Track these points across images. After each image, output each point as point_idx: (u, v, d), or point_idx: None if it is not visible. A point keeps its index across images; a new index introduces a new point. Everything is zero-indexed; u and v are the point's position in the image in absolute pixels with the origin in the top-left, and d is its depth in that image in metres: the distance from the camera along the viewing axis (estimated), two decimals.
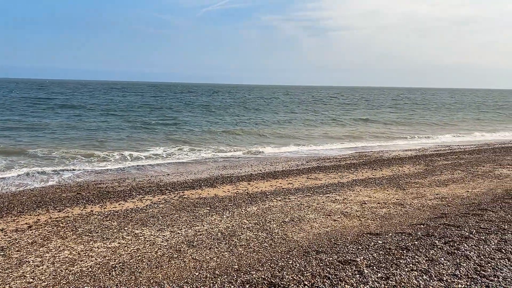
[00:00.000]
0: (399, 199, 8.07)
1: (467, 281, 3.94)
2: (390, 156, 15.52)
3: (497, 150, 16.20)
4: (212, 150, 17.09)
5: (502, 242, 4.98)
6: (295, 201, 7.99)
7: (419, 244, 5.01)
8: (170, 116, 32.59)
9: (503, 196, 7.85)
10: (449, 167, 11.97)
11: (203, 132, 23.39)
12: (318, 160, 14.88)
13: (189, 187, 9.60)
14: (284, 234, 5.92)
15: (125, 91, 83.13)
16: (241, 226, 6.31)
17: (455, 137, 24.51)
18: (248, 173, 11.88)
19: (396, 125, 31.18)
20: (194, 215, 7.06)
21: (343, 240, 5.48)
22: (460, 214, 6.55)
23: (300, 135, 23.24)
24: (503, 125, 32.88)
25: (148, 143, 18.58)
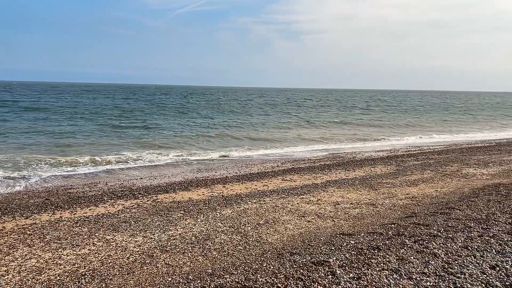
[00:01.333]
0: (371, 199, 8.22)
1: (435, 279, 4.05)
2: (363, 157, 15.82)
3: (464, 150, 16.79)
4: (186, 153, 16.91)
5: (468, 239, 5.15)
6: (270, 203, 8.01)
7: (390, 243, 5.12)
8: (141, 119, 31.92)
9: (469, 195, 8.12)
10: (419, 167, 12.30)
11: (176, 135, 23.09)
12: (293, 161, 14.99)
13: (163, 191, 9.47)
14: (259, 236, 5.92)
15: (95, 93, 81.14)
16: (216, 230, 6.27)
17: (425, 138, 25.24)
18: (223, 175, 11.83)
19: (368, 126, 31.82)
20: (168, 219, 6.96)
21: (317, 241, 5.53)
22: (429, 213, 6.74)
23: (275, 138, 23.34)
24: (469, 126, 34.13)
25: (119, 147, 18.15)
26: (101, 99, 60.83)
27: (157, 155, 16.22)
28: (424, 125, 33.49)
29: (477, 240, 5.11)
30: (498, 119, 41.27)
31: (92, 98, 61.25)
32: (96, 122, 28.06)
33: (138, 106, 46.13)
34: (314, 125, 31.37)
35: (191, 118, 34.16)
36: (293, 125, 30.91)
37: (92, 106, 43.34)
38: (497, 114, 49.59)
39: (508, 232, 5.39)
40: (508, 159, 13.36)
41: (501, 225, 5.71)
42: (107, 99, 61.36)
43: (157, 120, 31.03)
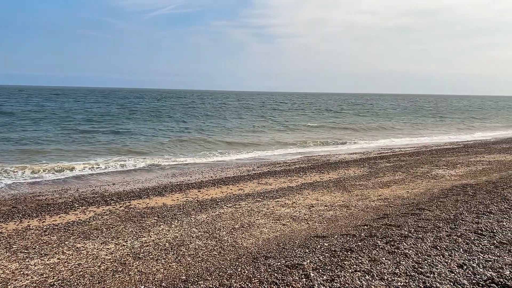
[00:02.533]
0: (345, 201, 8.35)
1: (406, 279, 4.15)
2: (337, 159, 16.05)
3: (434, 152, 17.30)
4: (159, 158, 16.67)
5: (437, 239, 5.30)
6: (246, 207, 7.99)
7: (363, 245, 5.20)
8: (113, 123, 31.07)
9: (439, 195, 8.37)
10: (391, 169, 12.58)
11: (149, 140, 22.68)
12: (268, 165, 15.04)
13: (136, 197, 9.30)
14: (234, 241, 5.89)
15: (64, 97, 78.81)
16: (190, 235, 6.20)
17: (397, 140, 25.88)
18: (198, 180, 11.74)
19: (342, 129, 32.35)
20: (141, 225, 6.83)
21: (291, 244, 5.56)
22: (401, 214, 6.90)
23: (250, 141, 23.37)
24: (438, 128, 35.23)
25: (89, 152, 17.62)
26: (70, 103, 59.10)
27: (129, 160, 15.91)
28: (396, 128, 34.34)
29: (446, 240, 5.27)
30: (466, 122, 42.83)
31: (60, 102, 59.42)
32: (64, 127, 27.15)
33: (110, 110, 45.01)
34: (289, 128, 31.63)
35: (164, 122, 33.63)
36: (268, 129, 31.05)
37: (61, 111, 42.03)
38: (464, 116, 51.46)
39: (475, 231, 5.58)
40: (475, 160, 13.87)
41: (468, 225, 5.91)
42: (77, 103, 59.66)
43: (129, 125, 30.38)
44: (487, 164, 12.83)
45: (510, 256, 4.69)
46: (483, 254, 4.75)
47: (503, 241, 5.20)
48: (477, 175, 10.84)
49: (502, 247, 5.00)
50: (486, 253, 4.78)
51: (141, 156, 17.03)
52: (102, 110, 44.74)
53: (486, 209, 6.81)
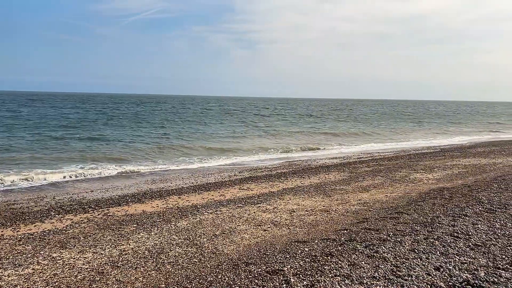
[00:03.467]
0: (326, 205, 8.41)
1: (385, 282, 4.20)
2: (318, 164, 16.18)
3: (412, 156, 17.66)
4: (139, 165, 16.43)
5: (415, 243, 5.40)
6: (227, 213, 7.96)
7: (342, 249, 5.25)
8: (90, 129, 30.24)
9: (416, 199, 8.53)
10: (370, 173, 12.77)
11: (128, 146, 22.24)
12: (250, 170, 15.04)
13: (115, 204, 9.13)
14: (215, 247, 5.85)
15: (40, 103, 76.88)
16: (170, 243, 6.13)
17: (376, 145, 26.30)
18: (179, 186, 11.63)
19: (323, 134, 32.68)
20: (120, 233, 6.71)
21: (272, 249, 5.56)
22: (380, 218, 6.99)
23: (231, 147, 23.33)
24: (416, 133, 35.99)
25: (66, 160, 16.99)
26: (46, 108, 57.59)
27: (108, 167, 15.60)
28: (375, 133, 34.90)
29: (423, 243, 5.37)
30: (442, 126, 43.92)
31: (36, 108, 57.86)
32: (40, 134, 26.29)
33: (87, 116, 43.95)
34: (270, 134, 31.73)
35: (143, 128, 33.04)
36: (249, 134, 31.08)
37: (36, 116, 40.90)
38: (441, 121, 52.77)
39: (451, 234, 5.71)
40: (451, 164, 14.22)
41: (445, 228, 6.05)
42: (53, 108, 58.20)
43: (107, 131, 29.72)
44: (462, 168, 13.17)
45: (484, 258, 4.81)
46: (459, 256, 4.86)
47: (478, 243, 5.33)
48: (453, 179, 11.10)
49: (477, 249, 5.12)
50: (462, 255, 4.89)
51: (119, 163, 16.73)
52: (79, 116, 43.64)
53: (462, 212, 6.98)
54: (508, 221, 6.31)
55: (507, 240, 5.44)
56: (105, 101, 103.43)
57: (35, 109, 53.80)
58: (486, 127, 43.63)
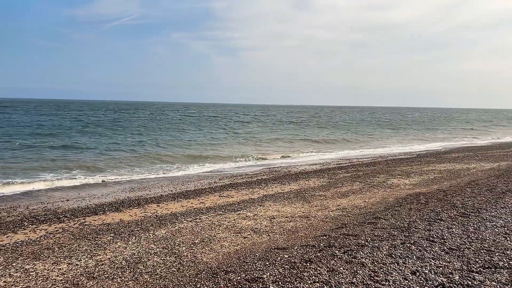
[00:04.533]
0: (305, 212, 8.45)
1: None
2: (298, 170, 16.28)
3: (390, 162, 17.98)
4: (116, 173, 16.12)
5: (392, 247, 5.48)
6: (207, 221, 7.89)
7: (321, 255, 5.28)
8: (65, 137, 29.35)
9: (394, 204, 8.68)
10: (349, 179, 12.92)
11: (104, 153, 21.72)
12: (230, 177, 14.99)
13: (92, 213, 8.94)
14: (194, 256, 5.79)
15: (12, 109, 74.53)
16: (148, 252, 6.02)
17: (355, 151, 26.67)
18: (157, 194, 11.48)
19: (302, 141, 32.93)
20: (96, 243, 6.56)
21: (252, 257, 5.54)
22: (358, 223, 7.07)
23: (211, 154, 23.21)
24: (394, 139, 36.70)
25: (40, 168, 16.44)
26: (19, 115, 55.88)
27: (84, 175, 15.26)
28: (354, 139, 35.40)
29: (400, 248, 5.46)
30: (419, 132, 44.95)
31: (8, 115, 55.88)
32: (10, 142, 25.26)
33: (63, 124, 42.77)
34: (250, 140, 31.77)
35: (121, 135, 32.36)
36: (229, 141, 31.03)
37: (8, 124, 39.54)
38: (417, 127, 54.00)
39: (427, 239, 5.82)
40: (427, 170, 14.54)
41: (421, 232, 6.16)
42: (27, 116, 56.53)
43: (83, 138, 28.95)
44: (438, 173, 13.49)
45: (459, 261, 4.92)
46: (435, 260, 4.96)
47: (452, 247, 5.45)
48: (429, 184, 11.35)
49: (452, 252, 5.24)
50: (437, 259, 4.99)
51: (96, 171, 16.39)
52: (54, 123, 42.43)
53: (437, 216, 7.14)
54: (481, 225, 6.49)
55: (480, 243, 5.58)
56: (82, 108, 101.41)
57: (7, 116, 52.12)
58: (460, 133, 44.91)
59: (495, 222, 6.66)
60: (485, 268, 4.69)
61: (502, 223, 6.57)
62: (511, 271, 4.56)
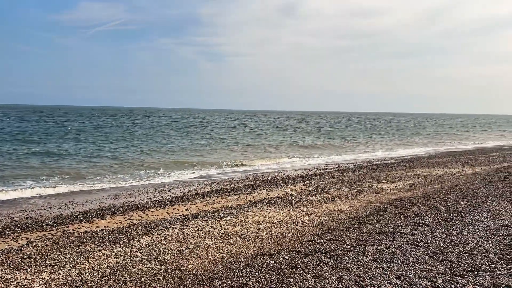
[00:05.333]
0: (292, 217, 8.46)
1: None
2: (285, 176, 16.32)
3: (375, 167, 18.16)
4: (100, 180, 15.87)
5: (378, 252, 5.52)
6: (193, 228, 7.84)
7: (307, 261, 5.29)
8: (48, 143, 28.69)
9: (379, 209, 8.75)
10: (335, 184, 13.00)
11: (88, 160, 21.36)
12: (217, 183, 14.94)
13: (75, 220, 8.79)
14: (179, 263, 5.73)
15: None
16: (133, 260, 5.94)
17: (341, 156, 26.87)
18: (143, 201, 11.36)
19: (289, 146, 33.03)
20: (80, 251, 6.45)
21: (238, 263, 5.52)
22: (344, 228, 7.11)
23: (197, 160, 23.08)
24: (377, 145, 37.11)
25: (22, 176, 16.10)
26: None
27: (68, 182, 15.00)
28: (340, 144, 35.69)
29: (385, 252, 5.50)
30: (404, 137, 45.57)
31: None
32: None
33: (46, 130, 41.76)
34: (237, 146, 31.74)
35: (105, 141, 31.75)
36: (216, 147, 30.95)
37: None
38: (402, 132, 54.75)
39: (411, 243, 5.89)
40: (412, 174, 14.73)
41: (405, 237, 6.23)
42: (8, 121, 55.11)
43: (67, 145, 28.38)
44: (422, 178, 13.67)
45: (442, 265, 4.99)
46: (419, 265, 5.01)
47: (436, 251, 5.53)
48: (413, 189, 11.50)
49: (435, 256, 5.31)
50: (421, 263, 5.05)
51: (79, 178, 16.12)
52: (36, 130, 41.52)
53: (421, 220, 7.22)
54: (464, 229, 6.59)
55: (463, 247, 5.67)
56: (66, 113, 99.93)
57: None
58: (444, 138, 45.70)
59: (477, 225, 6.78)
60: (467, 271, 4.76)
61: (484, 227, 6.68)
62: (492, 274, 4.64)
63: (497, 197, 9.19)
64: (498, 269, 4.78)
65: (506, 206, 8.20)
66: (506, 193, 9.66)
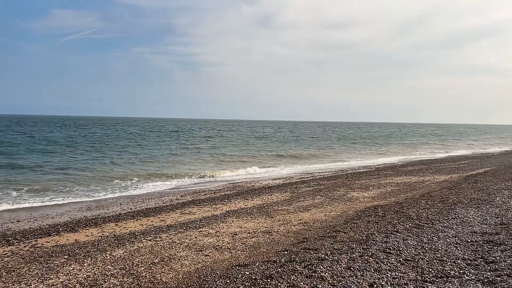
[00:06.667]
0: (268, 227, 8.46)
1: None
2: (261, 185, 16.33)
3: (350, 176, 18.43)
4: (70, 192, 15.32)
5: (351, 260, 5.59)
6: (167, 239, 7.71)
7: (282, 271, 5.29)
8: (13, 155, 27.39)
9: (353, 217, 8.87)
10: (311, 193, 13.11)
11: (58, 172, 20.61)
12: (193, 193, 14.79)
13: (44, 234, 8.50)
14: (153, 276, 5.62)
15: None
16: (104, 274, 5.78)
17: (316, 165, 27.15)
18: (116, 212, 11.11)
19: (266, 156, 33.11)
20: (48, 266, 6.23)
21: (213, 275, 5.46)
22: (319, 237, 7.17)
23: (172, 171, 22.77)
24: (351, 153, 37.74)
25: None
26: None
27: (36, 194, 14.47)
28: (316, 153, 36.06)
29: (359, 260, 5.57)
30: (378, 146, 46.52)
31: None
32: None
33: (12, 140, 39.68)
34: (213, 156, 31.58)
35: (76, 152, 30.43)
36: (191, 157, 30.69)
37: None
38: (376, 141, 55.90)
39: (384, 250, 5.99)
40: (385, 182, 15.03)
41: (378, 244, 6.33)
42: None
43: (34, 155, 27.32)
44: (395, 186, 13.97)
45: (413, 272, 5.09)
46: (391, 272, 5.10)
47: (408, 258, 5.64)
48: (386, 197, 11.73)
49: (407, 263, 5.42)
50: (394, 271, 5.14)
51: (49, 190, 15.56)
52: (2, 140, 39.75)
53: (394, 228, 7.37)
54: (434, 236, 6.76)
55: (433, 253, 5.81)
56: (36, 123, 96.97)
57: None
58: (416, 147, 46.94)
59: (447, 232, 6.97)
60: (437, 277, 4.88)
61: (454, 233, 6.88)
62: (461, 280, 4.77)
63: (465, 204, 9.50)
64: (466, 275, 4.92)
65: (474, 213, 8.47)
66: (474, 200, 9.99)
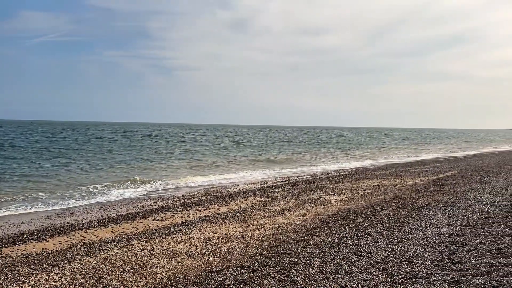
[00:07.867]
0: (242, 232, 8.45)
1: None
2: (236, 190, 16.29)
3: (323, 180, 18.66)
4: (37, 200, 14.70)
5: (323, 264, 5.65)
6: (139, 246, 7.57)
7: (255, 276, 5.29)
8: None
9: (326, 220, 8.99)
10: (285, 197, 13.19)
11: (22, 178, 19.66)
12: (166, 199, 14.58)
13: (9, 243, 8.18)
14: (123, 285, 5.50)
15: None
16: (73, 283, 5.62)
17: (290, 170, 27.35)
18: (86, 220, 10.82)
19: (240, 160, 33.09)
20: (13, 277, 5.99)
21: (185, 282, 5.40)
22: (292, 241, 7.22)
23: (144, 176, 22.36)
24: (325, 157, 38.26)
25: None
26: None
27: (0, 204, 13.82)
28: (291, 157, 36.32)
29: (331, 264, 5.64)
30: (350, 150, 47.35)
31: None
32: None
33: None
34: (187, 161, 31.28)
35: (41, 158, 28.90)
36: (165, 161, 30.29)
37: None
38: (349, 146, 56.90)
39: (355, 253, 6.09)
40: (357, 186, 15.31)
41: (350, 247, 6.44)
42: None
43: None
44: (367, 189, 14.26)
45: (383, 273, 5.21)
46: (362, 274, 5.19)
47: (378, 260, 5.76)
48: (358, 200, 11.95)
49: (377, 266, 5.53)
50: (364, 273, 5.23)
51: (13, 199, 14.88)
52: None
53: (365, 231, 7.51)
54: (403, 238, 6.94)
55: (402, 255, 5.96)
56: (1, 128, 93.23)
57: None
58: (388, 151, 48.08)
59: (415, 234, 7.17)
60: (406, 279, 5.00)
61: (422, 235, 7.08)
62: (428, 280, 4.91)
63: (433, 206, 9.80)
64: (433, 276, 5.07)
65: (442, 215, 8.76)
66: (441, 202, 10.33)
